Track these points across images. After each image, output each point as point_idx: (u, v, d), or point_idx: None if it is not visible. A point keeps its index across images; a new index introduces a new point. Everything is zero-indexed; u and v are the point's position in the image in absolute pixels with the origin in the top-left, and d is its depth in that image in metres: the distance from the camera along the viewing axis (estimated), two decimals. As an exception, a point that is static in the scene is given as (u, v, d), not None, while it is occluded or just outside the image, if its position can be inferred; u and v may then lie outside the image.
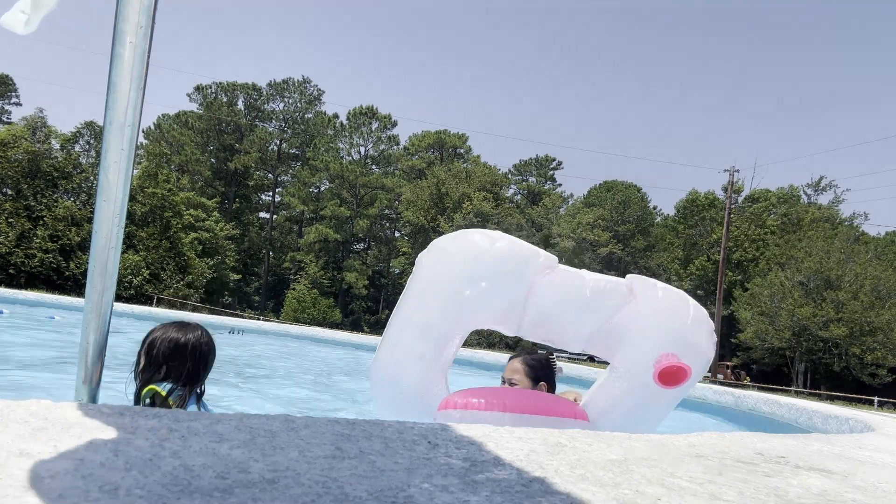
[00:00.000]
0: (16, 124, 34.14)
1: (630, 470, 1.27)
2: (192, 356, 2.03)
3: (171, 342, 2.03)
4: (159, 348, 2.03)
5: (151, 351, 2.04)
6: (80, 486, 0.74)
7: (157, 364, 2.01)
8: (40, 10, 1.53)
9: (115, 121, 1.49)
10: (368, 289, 50.59)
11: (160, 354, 2.02)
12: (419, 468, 1.04)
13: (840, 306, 31.11)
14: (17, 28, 1.51)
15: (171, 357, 2.01)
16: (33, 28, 1.53)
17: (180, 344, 2.03)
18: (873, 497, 1.34)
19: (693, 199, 49.28)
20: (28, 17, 1.52)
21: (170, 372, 2.00)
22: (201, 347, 2.07)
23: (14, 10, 1.51)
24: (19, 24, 1.52)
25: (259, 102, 54.88)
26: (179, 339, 2.04)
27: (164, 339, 2.04)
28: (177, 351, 2.02)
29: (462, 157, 54.68)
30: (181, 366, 2.01)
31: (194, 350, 2.04)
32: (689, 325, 2.48)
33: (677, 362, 2.38)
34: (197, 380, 2.04)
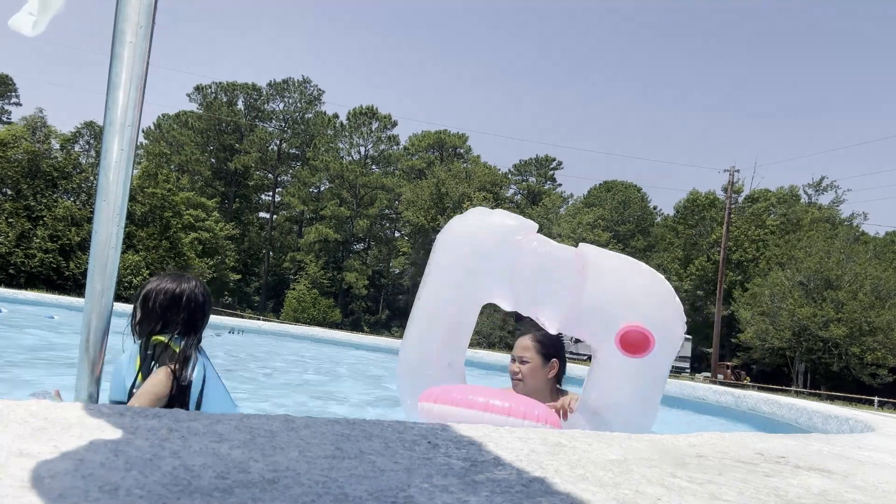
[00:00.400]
0: (16, 124, 34.15)
1: (630, 470, 1.27)
2: (187, 306, 2.03)
3: (166, 293, 2.02)
4: (155, 300, 2.02)
5: (147, 303, 2.03)
6: (80, 486, 0.74)
7: (154, 315, 2.01)
8: (48, 12, 1.54)
9: (115, 121, 1.49)
10: (368, 289, 50.60)
11: (157, 306, 2.01)
12: (419, 468, 1.04)
13: (840, 306, 31.12)
14: (24, 30, 1.52)
15: (168, 308, 2.01)
16: (41, 30, 1.54)
17: (175, 294, 2.02)
18: (873, 497, 1.34)
19: (693, 199, 49.29)
20: (36, 19, 1.52)
21: (167, 323, 2.00)
22: (197, 298, 2.06)
23: (22, 12, 1.52)
24: (27, 25, 1.52)
25: (259, 102, 54.88)
26: (174, 289, 2.03)
27: (160, 290, 2.03)
28: (173, 301, 2.02)
29: (462, 157, 54.68)
30: (177, 316, 2.00)
31: (189, 300, 2.04)
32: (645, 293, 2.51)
33: (637, 328, 2.39)
34: (194, 329, 2.03)
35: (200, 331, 2.07)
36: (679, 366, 35.51)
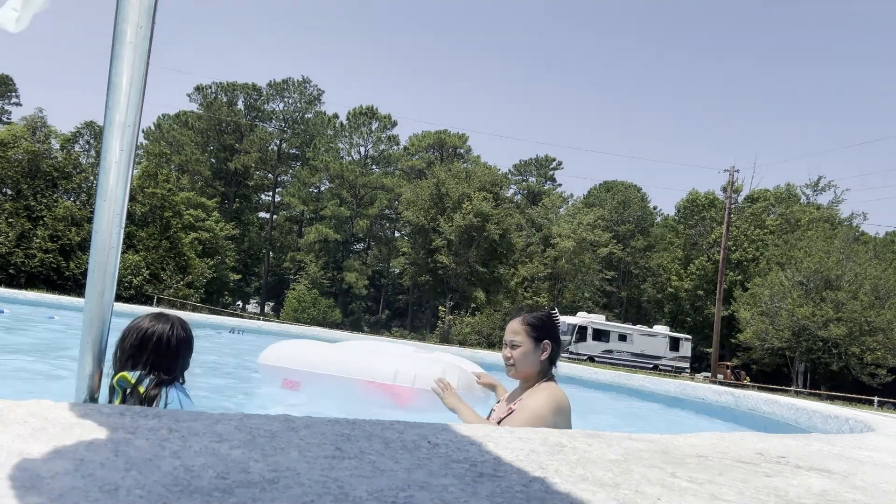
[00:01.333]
0: (16, 124, 34.14)
1: (630, 470, 1.27)
2: (156, 347, 2.04)
3: (138, 332, 2.06)
4: (128, 339, 2.06)
5: (123, 342, 2.07)
6: (80, 486, 0.74)
7: (125, 354, 2.04)
8: (31, 8, 1.53)
9: (115, 121, 1.49)
10: (368, 289, 50.60)
11: (128, 345, 2.05)
12: (419, 468, 1.04)
13: (839, 306, 31.12)
14: (7, 26, 1.51)
15: (138, 347, 2.04)
16: (24, 25, 1.53)
17: (146, 335, 2.05)
18: (873, 497, 1.34)
19: (693, 199, 49.29)
20: (19, 15, 1.52)
21: (136, 362, 2.02)
22: (170, 340, 2.07)
23: (6, 7, 1.51)
24: (10, 21, 1.51)
25: (259, 102, 54.88)
26: (147, 329, 2.06)
27: (134, 329, 2.07)
28: (143, 342, 2.04)
29: (462, 157, 54.69)
30: (146, 356, 2.02)
31: (159, 341, 2.05)
32: None
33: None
34: (165, 369, 2.04)
35: (175, 371, 2.07)
36: (679, 366, 35.54)
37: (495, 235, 43.55)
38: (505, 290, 45.02)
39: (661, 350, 35.16)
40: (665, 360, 35.05)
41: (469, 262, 43.82)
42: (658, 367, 34.07)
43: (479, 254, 44.43)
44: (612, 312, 50.66)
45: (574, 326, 32.48)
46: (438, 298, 45.21)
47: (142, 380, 1.97)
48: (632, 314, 53.23)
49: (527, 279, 47.07)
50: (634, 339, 34.30)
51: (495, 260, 45.50)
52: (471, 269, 43.94)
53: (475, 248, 44.12)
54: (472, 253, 43.90)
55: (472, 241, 43.92)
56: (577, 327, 32.39)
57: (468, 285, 44.28)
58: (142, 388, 1.95)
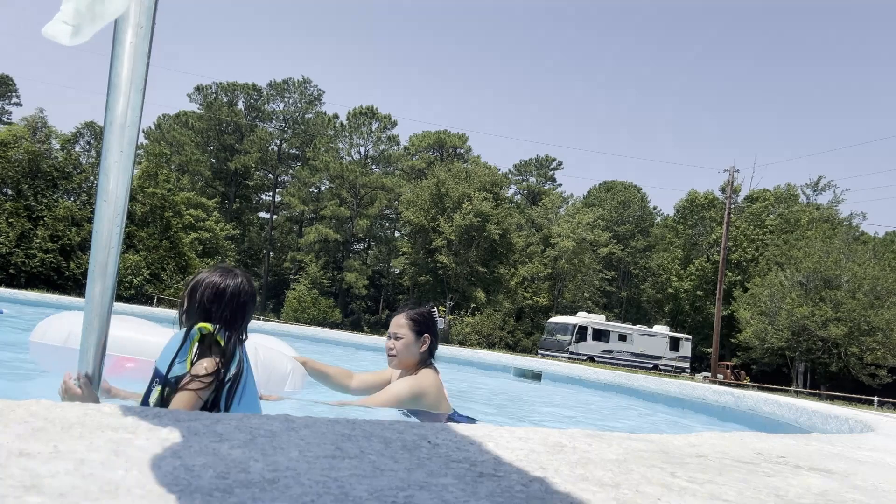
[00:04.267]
0: (16, 124, 34.15)
1: (630, 470, 1.27)
2: (230, 302, 2.06)
3: (213, 287, 2.07)
4: (202, 292, 2.07)
5: (194, 294, 2.08)
6: (80, 486, 0.74)
7: (199, 307, 2.05)
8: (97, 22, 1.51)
9: (115, 121, 1.49)
10: (368, 289, 50.59)
11: (204, 298, 2.06)
12: (419, 468, 1.04)
13: (839, 306, 31.12)
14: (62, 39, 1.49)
15: (212, 301, 2.05)
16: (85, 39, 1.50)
17: (220, 288, 2.07)
18: (873, 497, 1.34)
19: (692, 199, 49.27)
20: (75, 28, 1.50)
21: (210, 316, 2.04)
22: (241, 294, 2.10)
23: (55, 20, 1.50)
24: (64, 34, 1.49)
25: (259, 102, 54.88)
26: (220, 283, 2.08)
27: (207, 283, 2.08)
28: (217, 295, 2.06)
29: (462, 157, 54.68)
30: (220, 310, 2.05)
31: (233, 296, 2.07)
32: None
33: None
34: (236, 325, 2.07)
35: (242, 327, 2.11)
36: (679, 366, 35.54)
37: (495, 235, 43.54)
38: (505, 290, 45.01)
39: (661, 350, 35.16)
40: (665, 360, 35.04)
41: (469, 262, 43.81)
42: (658, 367, 34.06)
43: (479, 254, 44.42)
44: (612, 312, 50.66)
45: (574, 326, 32.47)
46: (438, 298, 45.19)
47: (221, 332, 2.00)
48: (632, 314, 53.22)
49: (527, 279, 47.06)
50: (634, 339, 34.30)
51: (495, 260, 45.50)
52: (471, 269, 43.93)
53: (475, 248, 44.11)
54: (472, 253, 43.89)
55: (472, 241, 43.91)
56: (577, 327, 32.38)
57: (468, 285, 44.27)
58: (221, 340, 1.98)
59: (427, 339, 2.92)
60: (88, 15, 1.49)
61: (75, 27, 1.49)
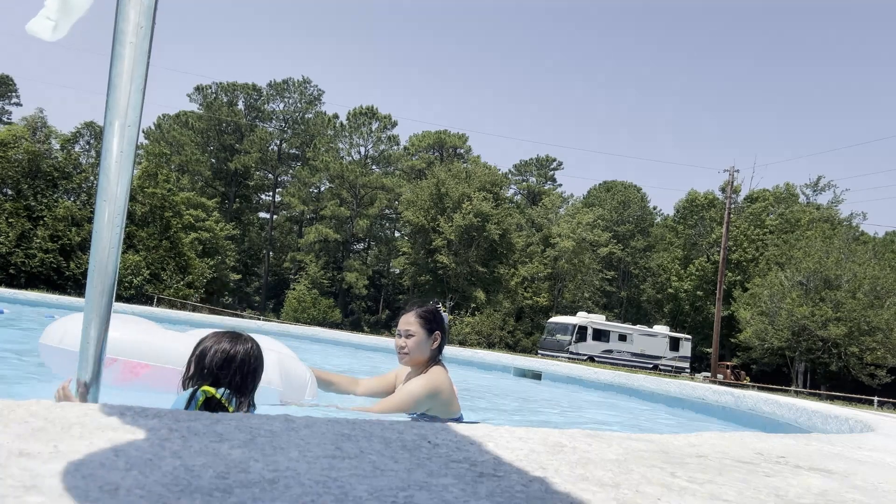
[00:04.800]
0: (16, 124, 34.16)
1: (630, 470, 1.27)
2: (240, 368, 2.04)
3: (222, 353, 2.04)
4: (211, 358, 2.04)
5: (202, 360, 2.05)
6: (80, 486, 0.74)
7: (208, 373, 2.02)
8: (71, 16, 1.52)
9: (115, 121, 1.49)
10: (368, 289, 50.59)
11: (213, 364, 2.03)
12: (419, 468, 1.04)
13: (839, 306, 31.11)
14: (43, 34, 1.50)
15: (222, 367, 2.02)
16: (62, 34, 1.52)
17: (230, 355, 2.04)
18: (873, 497, 1.34)
19: (692, 199, 49.28)
20: (55, 24, 1.51)
21: (219, 381, 2.01)
22: (251, 361, 2.07)
23: (39, 16, 1.50)
24: (46, 30, 1.50)
25: (259, 102, 54.87)
26: (229, 350, 2.05)
27: (216, 349, 2.05)
28: (227, 362, 2.03)
29: (462, 157, 54.68)
30: (231, 376, 2.02)
31: (243, 363, 2.05)
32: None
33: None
34: (245, 392, 2.04)
35: (251, 393, 2.08)
36: (679, 366, 35.55)
37: (495, 235, 43.54)
38: (505, 290, 45.01)
39: (661, 350, 35.16)
40: (665, 360, 35.04)
41: (469, 262, 43.80)
42: (658, 367, 34.06)
43: (479, 254, 44.42)
44: (612, 312, 50.66)
45: (574, 326, 32.47)
46: (438, 298, 45.14)
47: (229, 399, 1.96)
48: (632, 314, 53.23)
49: (527, 279, 47.07)
50: (634, 339, 34.30)
51: (495, 260, 45.50)
52: (471, 269, 43.93)
53: (475, 248, 44.11)
54: (472, 253, 43.89)
55: (472, 241, 43.91)
56: (577, 327, 32.38)
57: (468, 285, 44.28)
58: (231, 408, 1.95)
59: (438, 335, 2.96)
60: (64, 9, 1.50)
61: (56, 23, 1.49)
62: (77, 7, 1.53)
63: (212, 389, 1.95)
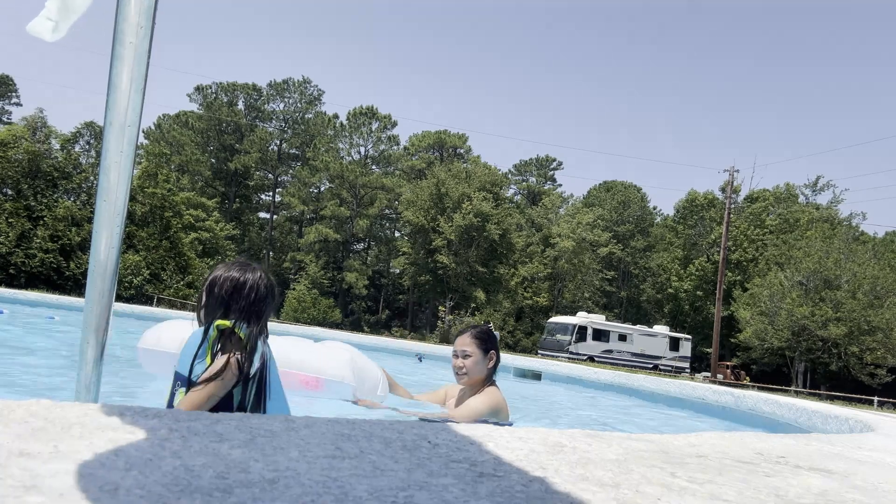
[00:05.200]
0: (16, 124, 34.14)
1: (630, 470, 1.27)
2: (248, 295, 2.05)
3: (231, 281, 2.06)
4: (221, 286, 2.05)
5: (213, 289, 2.06)
6: (80, 485, 0.74)
7: (218, 302, 2.04)
8: (70, 16, 1.53)
9: (115, 121, 1.49)
10: (368, 289, 50.59)
11: (223, 292, 2.04)
12: (419, 468, 1.04)
13: (838, 306, 31.11)
14: (44, 35, 1.51)
15: (231, 295, 2.04)
16: (62, 34, 1.52)
17: (239, 282, 2.06)
18: (873, 497, 1.34)
19: (692, 199, 49.27)
20: (55, 24, 1.51)
21: (230, 310, 2.02)
22: (260, 288, 2.09)
23: (40, 17, 1.51)
24: (46, 30, 1.51)
25: (259, 102, 54.87)
26: (238, 278, 2.07)
27: (225, 278, 2.07)
28: (236, 289, 2.05)
29: (462, 157, 54.68)
30: (239, 304, 2.03)
31: (252, 290, 2.06)
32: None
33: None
34: (256, 319, 2.05)
35: (263, 320, 2.09)
36: (679, 366, 35.55)
37: (495, 235, 43.53)
38: (505, 290, 45.01)
39: (661, 350, 35.16)
40: (665, 360, 35.04)
41: (469, 262, 43.80)
42: (658, 367, 34.06)
43: (479, 254, 44.42)
44: (612, 312, 50.66)
45: (574, 326, 32.47)
46: (438, 298, 45.18)
47: (240, 326, 1.98)
48: (632, 314, 53.22)
49: (527, 279, 47.07)
50: (634, 339, 34.29)
51: (495, 260, 45.50)
52: (471, 269, 43.93)
53: (475, 248, 44.11)
54: (472, 253, 43.89)
55: (472, 241, 43.91)
56: (577, 327, 32.38)
57: (468, 285, 44.27)
58: (242, 334, 1.96)
59: (493, 355, 3.09)
60: (63, 10, 1.50)
61: (56, 23, 1.50)
62: (76, 7, 1.53)
63: (224, 321, 1.97)
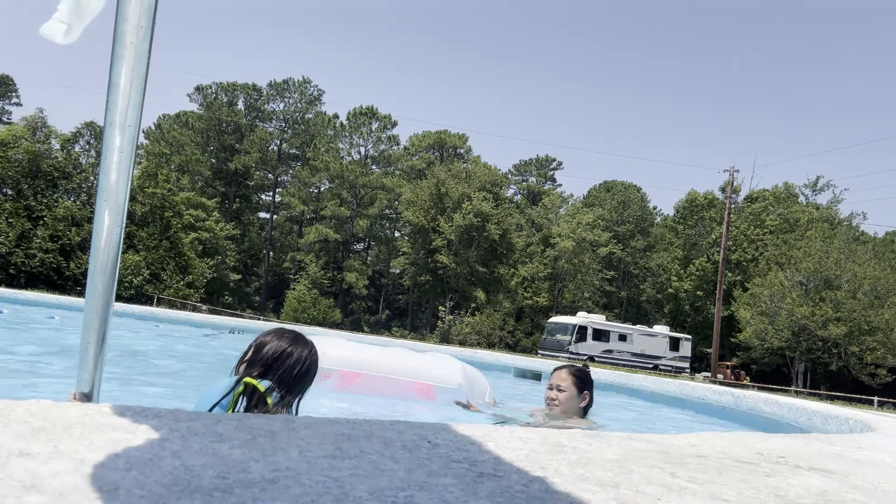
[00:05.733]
0: (16, 124, 34.13)
1: (630, 470, 1.26)
2: (292, 367, 2.04)
3: (279, 349, 2.05)
4: (268, 351, 2.05)
5: (260, 351, 2.06)
6: (80, 486, 0.74)
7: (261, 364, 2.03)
8: (82, 19, 1.52)
9: (115, 121, 1.49)
10: (368, 289, 50.59)
11: (268, 356, 2.03)
12: (419, 468, 1.04)
13: (838, 306, 31.11)
14: (56, 38, 1.50)
15: (276, 361, 2.03)
16: (75, 37, 1.52)
17: (286, 352, 2.05)
18: (873, 497, 1.34)
19: (692, 200, 49.27)
20: (68, 27, 1.51)
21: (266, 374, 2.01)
22: (304, 363, 2.08)
23: (53, 19, 1.50)
24: (59, 33, 1.50)
25: (259, 102, 54.86)
26: (287, 348, 2.06)
27: (275, 345, 2.06)
28: (282, 357, 2.04)
29: (462, 157, 54.68)
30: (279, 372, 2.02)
31: (297, 363, 2.05)
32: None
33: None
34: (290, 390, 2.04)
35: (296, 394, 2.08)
36: (679, 366, 35.54)
37: (495, 235, 43.53)
38: (505, 290, 45.01)
39: (661, 350, 35.16)
40: (665, 360, 35.04)
41: (469, 262, 43.80)
42: (658, 367, 34.06)
43: (479, 254, 44.42)
44: (612, 312, 50.65)
45: (574, 326, 32.47)
46: (438, 298, 45.18)
47: (270, 392, 1.96)
48: (632, 314, 53.21)
49: (527, 279, 47.07)
50: (634, 339, 34.29)
51: (495, 260, 45.50)
52: (471, 269, 43.92)
53: (475, 248, 44.11)
54: (472, 253, 43.88)
55: (472, 241, 43.91)
56: (577, 327, 32.39)
57: (468, 285, 44.27)
58: (270, 400, 1.94)
59: (587, 396, 3.29)
60: (76, 13, 1.49)
61: (69, 26, 1.49)
62: (89, 10, 1.53)
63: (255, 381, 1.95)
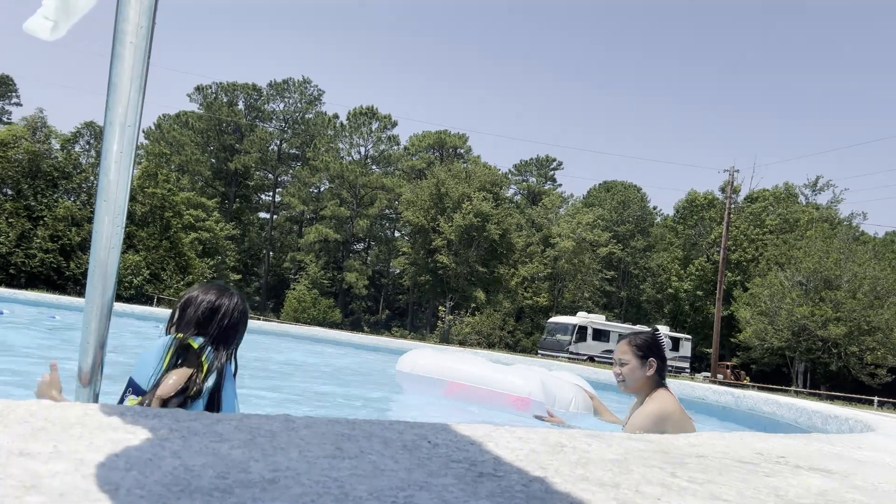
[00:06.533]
0: (16, 124, 34.13)
1: (630, 470, 1.26)
2: (221, 320, 2.03)
3: (207, 304, 2.04)
4: (195, 308, 2.03)
5: (186, 308, 2.05)
6: (80, 485, 0.74)
7: (191, 322, 2.01)
8: (70, 17, 1.51)
9: (115, 121, 1.49)
10: (368, 289, 50.59)
11: (197, 314, 2.02)
12: (419, 468, 1.04)
13: (838, 306, 31.11)
14: (41, 34, 1.50)
15: (206, 318, 2.02)
16: (61, 34, 1.51)
17: (215, 306, 2.04)
18: (873, 497, 1.34)
19: (692, 200, 49.28)
20: (55, 24, 1.50)
21: (200, 332, 2.00)
22: (234, 314, 2.06)
23: (37, 15, 1.50)
24: (44, 29, 1.50)
25: (259, 102, 54.87)
26: (214, 301, 2.05)
27: (202, 300, 2.05)
28: (211, 312, 2.02)
29: (462, 157, 54.68)
30: (211, 328, 2.01)
31: (225, 315, 2.04)
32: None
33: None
34: (225, 343, 2.02)
35: (231, 346, 2.06)
36: (679, 366, 35.53)
37: (495, 235, 43.53)
38: (505, 290, 45.01)
39: (662, 350, 35.12)
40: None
41: (469, 262, 43.80)
42: (658, 367, 34.02)
43: (479, 254, 44.42)
44: (612, 312, 50.64)
45: (574, 326, 32.49)
46: (438, 298, 45.19)
47: (204, 349, 1.95)
48: (632, 314, 53.20)
49: (527, 279, 47.07)
50: (634, 339, 34.26)
51: (495, 260, 45.50)
52: (471, 269, 43.92)
53: (475, 248, 44.11)
54: (472, 253, 43.89)
55: (472, 241, 43.91)
56: (577, 327, 32.40)
57: (468, 285, 44.27)
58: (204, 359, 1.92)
59: (653, 362, 3.08)
60: (64, 10, 1.49)
61: (55, 22, 1.49)
62: (77, 8, 1.52)
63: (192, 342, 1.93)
